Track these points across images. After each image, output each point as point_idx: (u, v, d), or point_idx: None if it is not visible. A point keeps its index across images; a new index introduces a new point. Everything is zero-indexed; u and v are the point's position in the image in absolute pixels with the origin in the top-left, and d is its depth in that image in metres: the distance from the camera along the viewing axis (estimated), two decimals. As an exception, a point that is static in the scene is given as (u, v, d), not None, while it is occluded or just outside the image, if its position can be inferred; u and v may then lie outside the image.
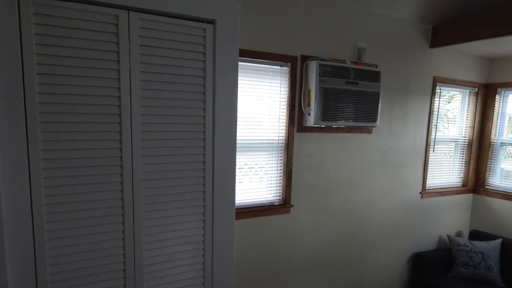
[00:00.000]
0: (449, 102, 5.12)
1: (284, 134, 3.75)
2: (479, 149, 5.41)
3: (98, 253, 2.13)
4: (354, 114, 3.84)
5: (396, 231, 4.81)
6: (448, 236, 5.04)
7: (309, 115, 3.68)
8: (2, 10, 1.73)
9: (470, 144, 5.35)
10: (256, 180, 3.70)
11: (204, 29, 2.23)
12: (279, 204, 3.83)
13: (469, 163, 5.38)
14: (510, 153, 5.17)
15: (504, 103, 5.18)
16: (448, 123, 5.15)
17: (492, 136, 5.28)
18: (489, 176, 5.37)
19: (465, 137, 5.33)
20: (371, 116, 3.94)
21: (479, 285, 4.62)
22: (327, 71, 3.64)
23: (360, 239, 4.50)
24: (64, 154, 1.96)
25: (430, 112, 4.80)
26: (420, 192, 4.93)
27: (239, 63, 3.41)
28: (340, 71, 3.70)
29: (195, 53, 2.22)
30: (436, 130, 4.96)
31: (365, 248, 4.57)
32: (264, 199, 3.76)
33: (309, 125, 3.71)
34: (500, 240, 4.87)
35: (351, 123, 3.84)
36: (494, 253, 4.76)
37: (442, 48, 4.66)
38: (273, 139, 3.72)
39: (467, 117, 5.29)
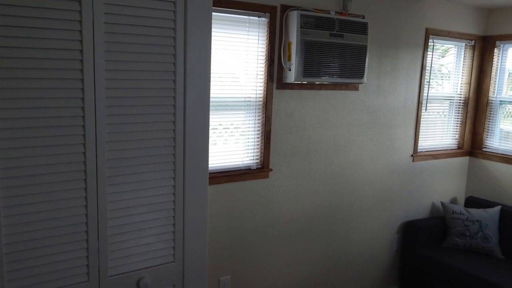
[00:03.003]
0: (443, 57, 5.18)
1: (262, 92, 3.82)
2: (476, 108, 5.50)
3: (58, 221, 2.12)
4: (339, 69, 3.90)
5: (385, 197, 4.93)
6: (442, 203, 5.14)
7: (290, 70, 3.73)
8: None
9: (466, 102, 5.44)
10: (231, 142, 3.79)
11: (173, -25, 2.24)
12: (257, 168, 3.93)
13: (465, 123, 5.48)
14: (509, 112, 5.23)
15: (503, 58, 5.24)
16: (442, 79, 5.23)
17: (490, 94, 5.35)
18: (487, 137, 5.45)
19: (460, 94, 5.42)
20: (358, 71, 4.01)
21: (476, 256, 4.71)
22: (309, 22, 3.68)
23: (345, 207, 4.61)
24: (20, 113, 1.95)
25: (422, 67, 4.88)
26: (411, 155, 5.03)
27: (213, 13, 3.43)
28: (323, 22, 3.75)
29: (164, 2, 2.23)
30: (429, 87, 5.03)
31: (351, 217, 4.68)
32: (240, 163, 3.86)
33: (289, 81, 3.78)
34: (499, 207, 4.95)
35: (335, 79, 3.91)
36: (492, 221, 4.83)
37: (436, -4, 4.70)
38: (250, 97, 3.78)
39: (462, 72, 5.36)
